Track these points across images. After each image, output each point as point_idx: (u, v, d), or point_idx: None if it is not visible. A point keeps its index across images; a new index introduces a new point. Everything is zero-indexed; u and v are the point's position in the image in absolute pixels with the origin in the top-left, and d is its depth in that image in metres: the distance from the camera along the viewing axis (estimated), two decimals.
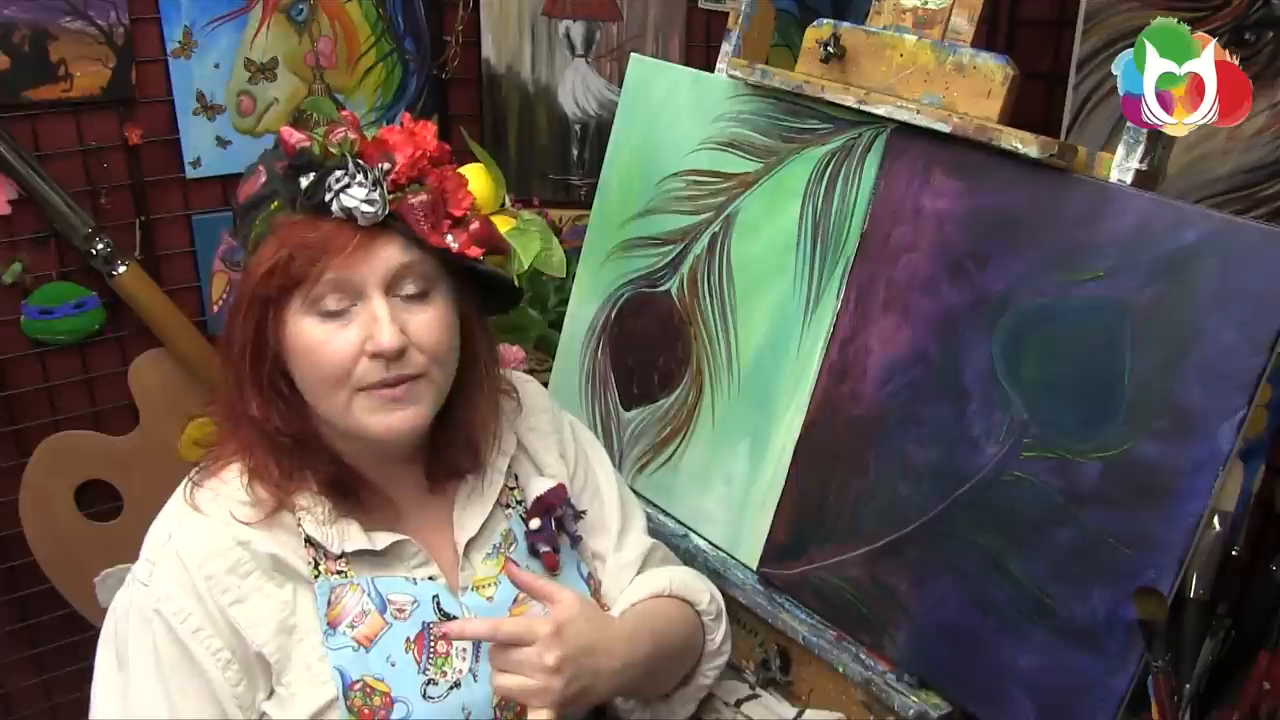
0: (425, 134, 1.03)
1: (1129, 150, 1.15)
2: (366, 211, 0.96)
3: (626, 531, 1.26)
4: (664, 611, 1.21)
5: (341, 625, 1.02)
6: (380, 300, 0.98)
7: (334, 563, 1.04)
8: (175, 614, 0.99)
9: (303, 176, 0.98)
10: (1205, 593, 1.30)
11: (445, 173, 1.04)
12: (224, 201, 2.04)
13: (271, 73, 2.05)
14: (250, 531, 1.02)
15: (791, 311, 1.44)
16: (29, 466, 1.98)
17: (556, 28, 2.23)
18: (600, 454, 1.30)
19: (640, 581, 1.23)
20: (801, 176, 1.43)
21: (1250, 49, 1.58)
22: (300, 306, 0.99)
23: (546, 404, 1.27)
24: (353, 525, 1.06)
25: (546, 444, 1.23)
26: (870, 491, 1.33)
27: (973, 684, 1.24)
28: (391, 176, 0.99)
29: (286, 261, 0.97)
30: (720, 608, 1.29)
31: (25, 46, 1.78)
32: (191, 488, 1.08)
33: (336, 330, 0.98)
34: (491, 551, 1.14)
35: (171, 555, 1.02)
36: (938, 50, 1.31)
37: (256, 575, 1.01)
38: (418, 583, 1.07)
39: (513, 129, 2.29)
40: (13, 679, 2.10)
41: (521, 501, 1.18)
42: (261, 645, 1.00)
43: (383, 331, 0.97)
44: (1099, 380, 1.13)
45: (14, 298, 1.90)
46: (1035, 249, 1.20)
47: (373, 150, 1.00)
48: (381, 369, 0.98)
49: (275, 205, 1.00)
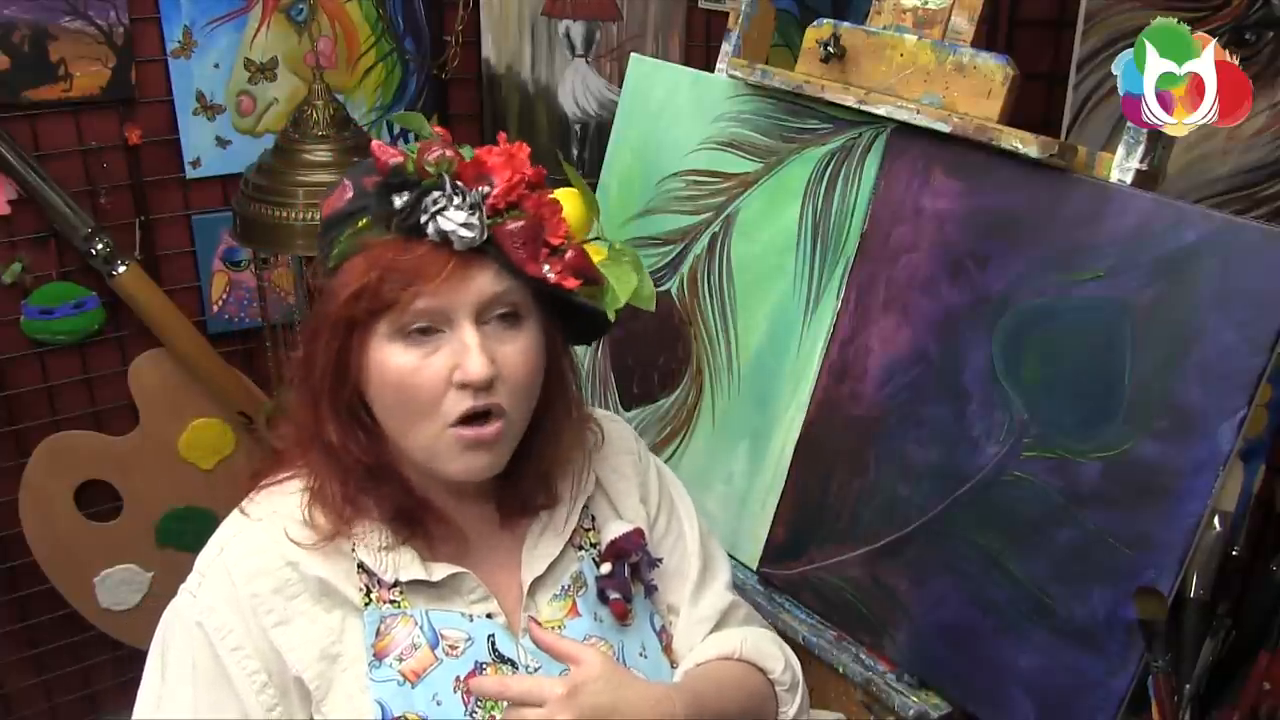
0: (523, 156, 0.98)
1: (1129, 150, 1.15)
2: (465, 236, 0.92)
3: (705, 585, 1.17)
4: (730, 676, 1.12)
5: (389, 657, 0.98)
6: (471, 328, 0.93)
7: (387, 591, 1.00)
8: (216, 629, 0.96)
9: (396, 195, 0.93)
10: (1205, 593, 1.30)
11: (542, 198, 0.98)
12: (224, 201, 2.04)
13: (271, 73, 2.05)
14: (300, 552, 0.98)
15: (791, 311, 1.44)
16: (29, 466, 1.98)
17: (556, 28, 2.23)
18: (686, 503, 1.21)
19: (711, 641, 1.15)
20: (801, 176, 1.43)
21: (1250, 49, 1.58)
22: (387, 331, 0.94)
23: (632, 445, 1.19)
24: (408, 553, 1.01)
25: (628, 486, 1.16)
26: (870, 491, 1.33)
27: (973, 684, 1.24)
28: (490, 200, 0.94)
29: (376, 284, 0.92)
30: (797, 676, 1.17)
31: (25, 46, 1.78)
32: (251, 499, 1.04)
33: (424, 358, 0.94)
34: (559, 593, 1.07)
35: (221, 569, 0.98)
36: (938, 50, 1.31)
37: (304, 598, 0.98)
38: (474, 619, 1.02)
39: (513, 129, 2.28)
40: (13, 679, 2.10)
41: (596, 544, 1.11)
42: (302, 670, 0.96)
43: (472, 360, 0.93)
44: (1099, 380, 1.13)
45: (14, 298, 1.91)
46: (1035, 249, 1.20)
47: (470, 172, 0.95)
48: (469, 398, 0.94)
49: (363, 223, 0.95)
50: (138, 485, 2.07)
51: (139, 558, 2.09)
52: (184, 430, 2.08)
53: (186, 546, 2.13)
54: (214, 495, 2.10)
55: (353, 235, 0.95)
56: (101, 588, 2.08)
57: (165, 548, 2.10)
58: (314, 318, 0.98)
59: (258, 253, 1.95)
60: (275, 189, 1.74)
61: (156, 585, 2.11)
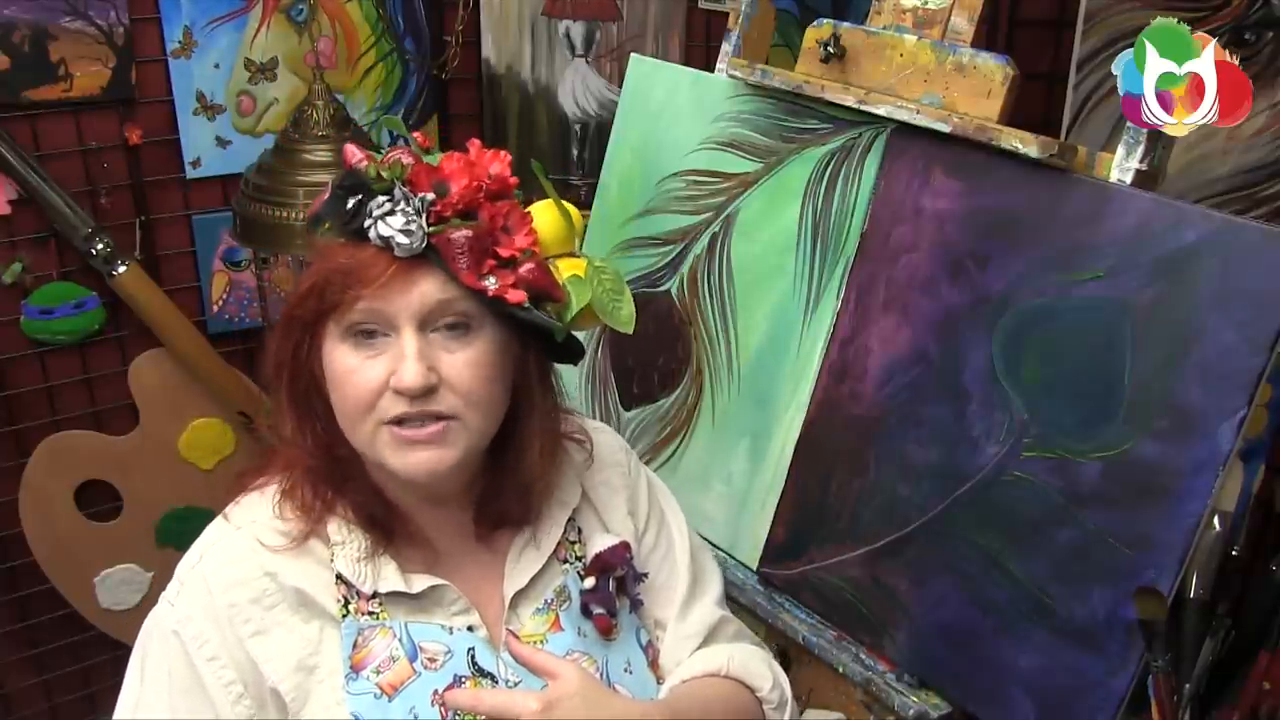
0: (487, 164, 0.98)
1: (1129, 150, 1.15)
2: (401, 243, 0.92)
3: (694, 600, 1.16)
4: (716, 693, 1.11)
5: (366, 669, 0.97)
6: (410, 335, 0.94)
7: (366, 603, 0.99)
8: (193, 638, 0.97)
9: (351, 197, 0.94)
10: (1205, 593, 1.30)
11: (503, 207, 0.97)
12: (224, 201, 2.04)
13: (271, 73, 2.05)
14: (279, 562, 0.98)
15: (791, 311, 1.44)
16: (29, 466, 1.98)
17: (556, 28, 2.23)
18: (678, 515, 1.21)
19: (698, 657, 1.14)
20: (801, 176, 1.43)
21: (1250, 49, 1.58)
22: (336, 332, 0.95)
23: (621, 457, 1.18)
24: (389, 565, 1.01)
25: (616, 499, 1.15)
26: (870, 491, 1.33)
27: (973, 684, 1.24)
28: (437, 207, 0.94)
29: (322, 286, 0.94)
30: (785, 695, 1.17)
31: (25, 46, 1.78)
32: (233, 505, 1.05)
33: (366, 360, 0.95)
34: (542, 607, 1.06)
35: (199, 578, 0.99)
36: (938, 50, 1.31)
37: (282, 608, 0.97)
38: (454, 632, 1.01)
39: (513, 129, 2.28)
40: (13, 679, 2.10)
41: (581, 558, 1.10)
42: (278, 682, 0.96)
43: (406, 368, 0.93)
44: (1099, 380, 1.13)
45: (14, 298, 1.91)
46: (1035, 249, 1.20)
47: (425, 178, 0.95)
48: (404, 404, 0.94)
49: (325, 226, 0.97)
50: (138, 485, 2.07)
51: (139, 558, 2.09)
52: (184, 430, 2.08)
53: (186, 547, 2.11)
54: (214, 495, 2.08)
55: (319, 237, 0.97)
56: (101, 588, 2.08)
57: (165, 548, 2.10)
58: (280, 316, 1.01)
59: (258, 253, 1.95)
60: (275, 189, 1.74)
61: (156, 585, 2.10)
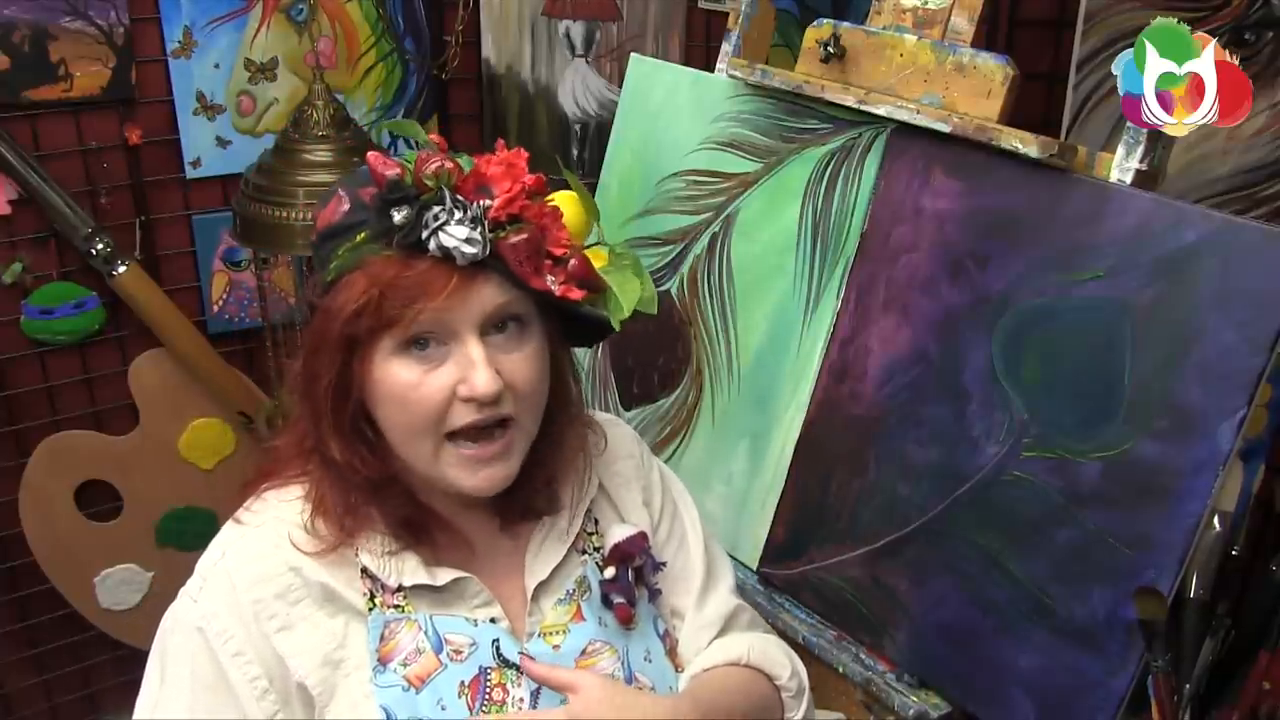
0: (522, 164, 0.96)
1: (1129, 150, 1.15)
2: (468, 252, 0.90)
3: (710, 589, 1.17)
4: (736, 683, 1.11)
5: (393, 662, 0.97)
6: (476, 342, 0.92)
7: (391, 596, 0.99)
8: (218, 634, 0.96)
9: (395, 210, 0.91)
10: (1205, 593, 1.30)
11: (543, 207, 0.97)
12: (224, 201, 2.04)
13: (271, 73, 2.05)
14: (303, 558, 0.97)
15: (791, 311, 1.44)
16: (29, 466, 1.98)
17: (556, 28, 2.23)
18: (689, 506, 1.21)
19: (717, 646, 1.14)
20: (801, 176, 1.43)
21: (1250, 49, 1.58)
22: (389, 347, 0.93)
23: (634, 449, 1.19)
24: (412, 559, 1.00)
25: (630, 490, 1.15)
26: (870, 491, 1.33)
27: (973, 684, 1.24)
28: (491, 213, 0.92)
29: (378, 302, 0.90)
30: (803, 683, 1.17)
31: (25, 46, 1.78)
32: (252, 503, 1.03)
33: (428, 373, 0.93)
34: (564, 598, 1.07)
35: (222, 574, 0.98)
36: (938, 50, 1.31)
37: (307, 603, 0.97)
38: (478, 624, 1.01)
39: (513, 129, 2.29)
40: (13, 679, 2.10)
41: (599, 548, 1.10)
42: (304, 676, 0.96)
43: (478, 375, 0.92)
44: (1099, 380, 1.13)
45: (14, 298, 1.91)
46: (1035, 249, 1.20)
47: (470, 184, 0.93)
48: (474, 411, 0.93)
49: (361, 237, 0.93)
50: (138, 485, 2.07)
51: (139, 558, 2.09)
52: (184, 430, 2.08)
53: (186, 546, 2.13)
54: (214, 495, 2.10)
55: (351, 250, 0.93)
56: (101, 588, 2.08)
57: (165, 548, 2.10)
58: (314, 334, 0.96)
59: (258, 253, 1.95)
60: (275, 189, 1.74)
61: (156, 585, 2.11)
